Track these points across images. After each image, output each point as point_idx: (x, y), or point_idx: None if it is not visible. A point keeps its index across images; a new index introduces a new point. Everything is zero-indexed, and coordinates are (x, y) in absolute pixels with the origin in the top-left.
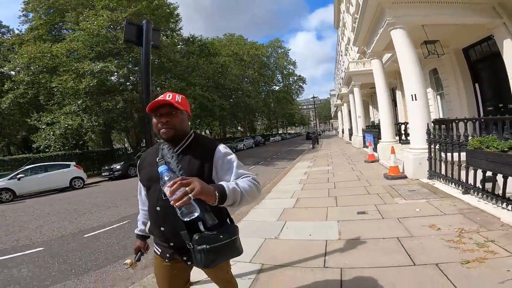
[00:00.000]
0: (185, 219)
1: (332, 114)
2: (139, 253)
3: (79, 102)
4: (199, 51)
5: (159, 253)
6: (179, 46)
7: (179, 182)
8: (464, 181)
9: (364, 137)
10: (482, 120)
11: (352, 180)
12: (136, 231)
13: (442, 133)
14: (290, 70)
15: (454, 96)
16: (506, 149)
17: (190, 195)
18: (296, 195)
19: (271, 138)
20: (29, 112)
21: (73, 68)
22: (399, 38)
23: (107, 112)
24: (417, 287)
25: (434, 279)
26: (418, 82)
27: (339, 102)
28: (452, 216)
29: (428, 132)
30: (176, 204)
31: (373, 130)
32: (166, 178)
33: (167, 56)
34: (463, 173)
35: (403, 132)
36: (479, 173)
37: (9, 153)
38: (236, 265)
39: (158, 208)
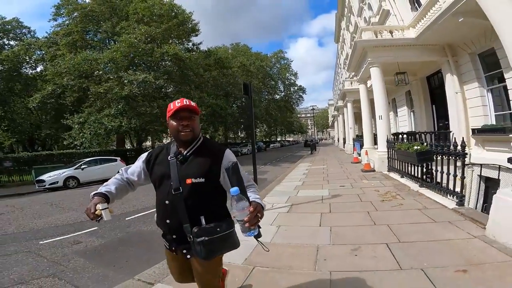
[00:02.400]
0: (246, 235)
1: (330, 124)
2: (107, 206)
3: (119, 106)
4: (214, 63)
5: (167, 247)
6: (188, 55)
7: (255, 212)
8: (402, 170)
9: (354, 144)
10: (410, 134)
11: (339, 173)
12: (102, 189)
13: (392, 141)
14: (292, 81)
15: (419, 113)
16: (407, 149)
17: (259, 218)
18: (302, 180)
19: (271, 145)
20: (61, 112)
21: (116, 76)
22: (375, 74)
23: (143, 116)
24: (360, 207)
25: (368, 205)
26: (383, 107)
27: (335, 113)
28: (388, 187)
29: (387, 141)
30: (251, 227)
31: (360, 139)
32: (238, 200)
33: (192, 69)
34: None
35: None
36: (405, 164)
37: (11, 150)
38: (279, 204)
39: (167, 202)
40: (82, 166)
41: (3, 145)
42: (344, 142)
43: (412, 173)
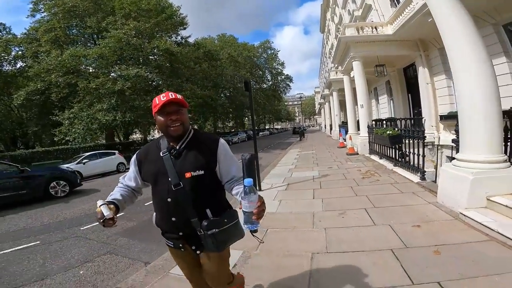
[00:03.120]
0: (247, 227)
1: (316, 111)
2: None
3: (112, 101)
4: (203, 56)
5: (172, 246)
6: (179, 49)
7: (263, 205)
8: (380, 152)
9: (340, 131)
10: (390, 120)
11: (327, 157)
12: (110, 198)
13: (372, 127)
14: (279, 70)
15: (397, 101)
16: (383, 133)
17: (263, 213)
18: (294, 164)
19: (260, 133)
20: (45, 109)
21: (107, 71)
22: (357, 67)
23: (135, 109)
24: (345, 183)
25: (351, 182)
26: (364, 97)
27: (322, 101)
28: (368, 167)
29: (368, 126)
30: (258, 220)
31: (345, 125)
32: (249, 192)
33: (182, 63)
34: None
35: None
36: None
37: None
38: (277, 184)
39: (169, 200)
40: (84, 161)
41: None
42: (331, 129)
43: (388, 154)
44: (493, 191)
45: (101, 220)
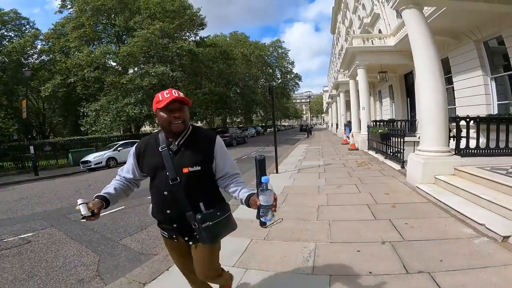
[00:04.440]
0: (265, 219)
1: (324, 109)
2: (93, 211)
3: (139, 95)
4: (219, 55)
5: (167, 236)
6: (200, 50)
7: (276, 201)
8: (376, 148)
9: (344, 129)
10: (389, 121)
11: (331, 151)
12: (102, 193)
13: (371, 126)
14: (288, 69)
15: (398, 104)
16: (376, 132)
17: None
18: (303, 156)
19: (268, 129)
20: (68, 101)
21: (137, 68)
22: (361, 74)
23: None
24: (343, 169)
25: (348, 169)
26: (366, 100)
27: (330, 100)
28: (364, 159)
29: (368, 126)
30: (270, 213)
31: (349, 124)
32: (267, 187)
33: (202, 62)
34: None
35: None
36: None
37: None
38: (290, 169)
39: (165, 193)
40: (119, 148)
41: (7, 132)
42: (337, 127)
43: (381, 149)
44: (439, 171)
45: (81, 217)
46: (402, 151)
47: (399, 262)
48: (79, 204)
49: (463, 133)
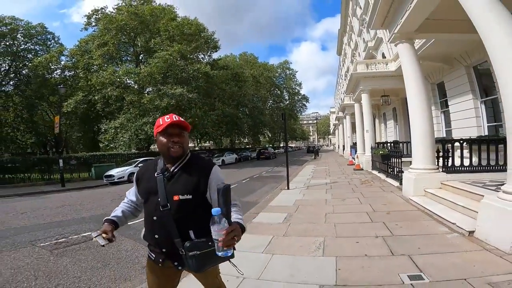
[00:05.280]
0: (220, 254)
1: (331, 131)
2: (109, 236)
3: (157, 115)
4: (232, 78)
5: (153, 258)
6: (215, 72)
7: (231, 234)
8: (378, 167)
9: (350, 151)
10: (394, 143)
11: (337, 171)
12: (110, 216)
13: (374, 148)
14: (296, 90)
15: (401, 127)
16: (377, 153)
17: (235, 241)
18: (311, 175)
19: (276, 150)
20: (87, 118)
21: (155, 89)
22: (365, 99)
23: None
24: (348, 186)
25: (353, 186)
26: (369, 124)
27: (337, 122)
28: (367, 178)
29: (371, 148)
30: (225, 247)
31: (355, 146)
32: (217, 221)
33: (216, 84)
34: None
35: None
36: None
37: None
38: (299, 186)
39: (154, 218)
40: (139, 165)
41: (24, 145)
42: (343, 149)
43: (382, 168)
44: (428, 185)
45: (101, 245)
46: (400, 169)
47: (388, 248)
48: (95, 237)
49: (451, 153)
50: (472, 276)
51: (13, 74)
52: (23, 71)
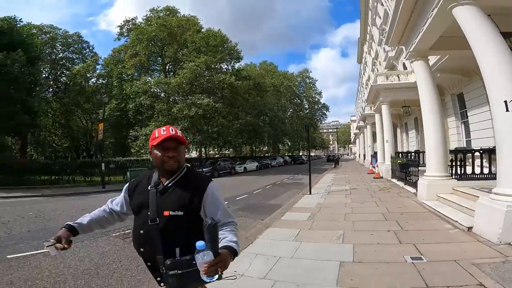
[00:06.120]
0: (204, 279)
1: (351, 140)
2: (55, 242)
3: (186, 123)
4: (253, 87)
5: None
6: (239, 83)
7: (215, 266)
8: (397, 176)
9: (371, 160)
10: (416, 152)
11: (357, 179)
12: (71, 222)
13: (394, 157)
14: (316, 99)
15: (422, 136)
16: (396, 162)
17: (219, 271)
18: (332, 182)
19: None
20: (118, 125)
21: (184, 99)
22: (385, 110)
23: (203, 132)
24: (366, 192)
25: (371, 192)
26: (389, 134)
27: (357, 131)
28: (386, 185)
29: (391, 157)
30: (205, 276)
31: (376, 155)
32: (201, 255)
33: (239, 94)
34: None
35: None
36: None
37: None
38: (320, 192)
39: (141, 232)
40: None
41: (60, 149)
42: (364, 158)
43: (401, 176)
44: (440, 191)
45: (53, 255)
46: (417, 177)
47: (397, 239)
48: (47, 247)
49: (463, 162)
50: (462, 259)
51: (52, 82)
52: (62, 79)
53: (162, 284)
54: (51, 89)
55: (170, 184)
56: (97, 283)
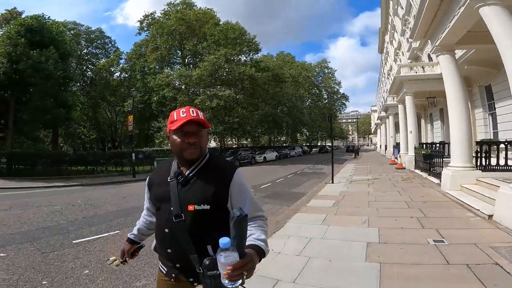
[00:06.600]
0: (228, 286)
1: (372, 130)
2: (125, 256)
3: (207, 115)
4: (272, 78)
5: (164, 272)
6: (258, 74)
7: (239, 270)
8: (421, 167)
9: (393, 151)
10: (440, 144)
11: (379, 169)
12: (128, 234)
13: (418, 148)
14: (335, 89)
15: (448, 127)
16: (420, 152)
17: (244, 275)
18: (353, 172)
19: (313, 149)
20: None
21: (206, 90)
22: (408, 101)
23: (225, 123)
24: (389, 183)
25: (394, 182)
26: (413, 124)
27: (379, 121)
28: (409, 175)
29: (414, 148)
30: (227, 281)
31: (398, 146)
32: (224, 255)
33: (259, 85)
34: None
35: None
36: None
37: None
38: (342, 181)
39: (166, 230)
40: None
41: (88, 140)
42: (386, 149)
43: (425, 167)
44: (464, 181)
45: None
46: (441, 168)
47: (420, 224)
48: (109, 264)
49: (488, 154)
50: (480, 242)
51: (79, 76)
52: (88, 73)
53: (195, 284)
54: (78, 84)
55: (191, 174)
56: None
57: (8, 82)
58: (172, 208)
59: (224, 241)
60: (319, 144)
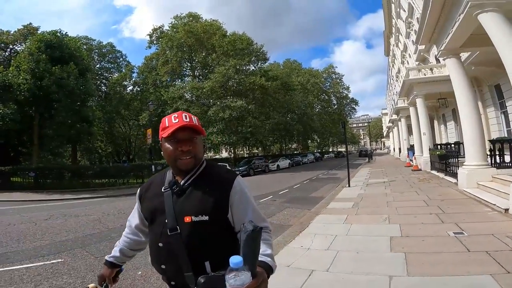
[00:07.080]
0: None
1: (384, 133)
2: (104, 283)
3: (220, 126)
4: (281, 86)
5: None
6: (268, 83)
7: None
8: (437, 167)
9: (408, 153)
10: (455, 144)
11: (394, 172)
12: (106, 257)
13: (433, 149)
14: (344, 94)
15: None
16: (435, 153)
17: None
18: (368, 176)
19: (325, 155)
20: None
21: (218, 102)
22: (420, 104)
23: (238, 133)
24: (406, 184)
25: (411, 183)
26: (426, 126)
27: (390, 124)
28: (425, 176)
29: (429, 149)
30: None
31: (412, 149)
32: (234, 275)
33: (269, 95)
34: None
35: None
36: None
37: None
38: (359, 184)
39: (160, 245)
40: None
41: (104, 154)
42: (400, 152)
43: (441, 168)
44: (480, 179)
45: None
46: (457, 168)
47: (439, 219)
48: None
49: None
50: (498, 233)
51: (95, 92)
52: (102, 88)
53: None
54: (93, 98)
55: (188, 183)
56: None
57: (33, 98)
58: (166, 221)
59: (235, 260)
60: (330, 150)
